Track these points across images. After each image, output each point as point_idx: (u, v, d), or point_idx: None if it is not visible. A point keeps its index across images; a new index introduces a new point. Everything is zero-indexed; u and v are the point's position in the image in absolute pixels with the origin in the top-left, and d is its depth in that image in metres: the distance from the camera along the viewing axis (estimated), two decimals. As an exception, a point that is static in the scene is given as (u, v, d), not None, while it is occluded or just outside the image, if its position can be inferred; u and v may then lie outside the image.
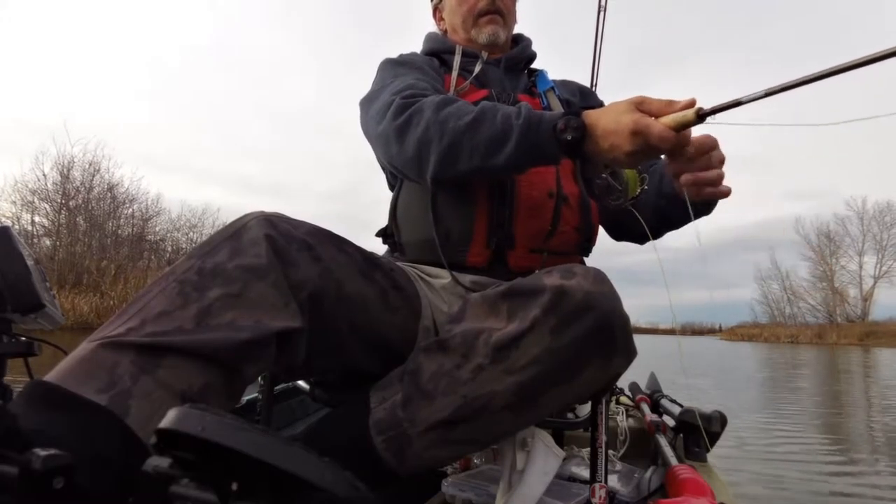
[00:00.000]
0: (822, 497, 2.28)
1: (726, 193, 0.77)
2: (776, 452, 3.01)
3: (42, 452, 0.35)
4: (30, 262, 0.71)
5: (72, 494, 0.37)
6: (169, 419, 0.31)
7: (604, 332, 0.66)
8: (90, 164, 18.35)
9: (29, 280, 0.69)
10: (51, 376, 0.51)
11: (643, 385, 2.02)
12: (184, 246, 22.60)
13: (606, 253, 1.06)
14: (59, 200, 17.41)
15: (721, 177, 0.76)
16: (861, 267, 35.25)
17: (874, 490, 2.39)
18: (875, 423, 4.18)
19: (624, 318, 0.68)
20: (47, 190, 17.35)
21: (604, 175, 0.87)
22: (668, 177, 0.86)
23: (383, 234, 1.03)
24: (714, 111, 0.67)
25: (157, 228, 21.29)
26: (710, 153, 0.75)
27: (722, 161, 0.77)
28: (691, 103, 0.69)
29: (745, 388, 6.36)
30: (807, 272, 37.45)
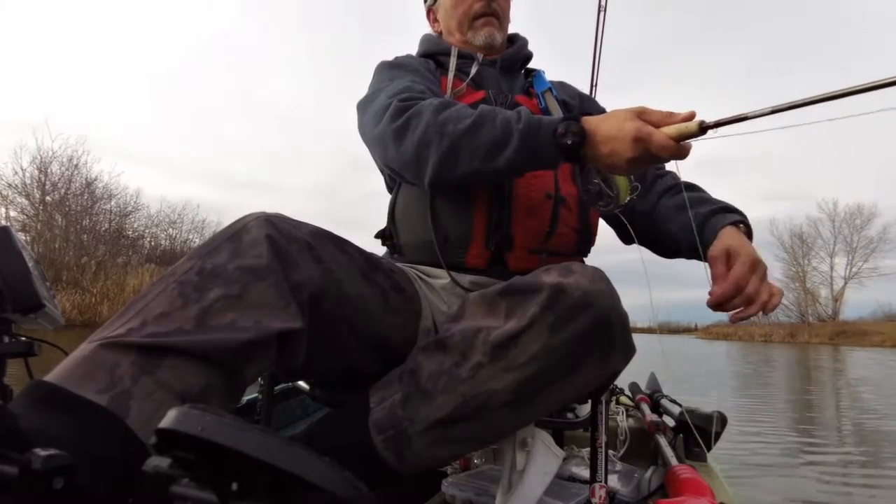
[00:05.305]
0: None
1: (772, 306, 0.76)
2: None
3: (42, 452, 0.35)
4: (30, 263, 0.71)
5: (72, 494, 0.37)
6: (169, 419, 0.31)
7: (602, 330, 0.66)
8: (69, 160, 18.20)
9: (29, 280, 0.69)
10: (51, 376, 0.51)
11: (643, 385, 2.02)
12: (163, 242, 22.53)
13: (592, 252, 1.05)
14: (37, 195, 17.24)
15: (761, 303, 0.76)
16: (832, 268, 35.69)
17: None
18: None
19: (622, 316, 0.68)
20: (24, 184, 17.17)
21: (596, 181, 0.87)
22: (708, 234, 0.86)
23: (382, 235, 1.04)
24: (718, 124, 0.68)
25: (136, 224, 21.19)
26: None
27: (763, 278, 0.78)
28: (690, 115, 0.70)
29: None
30: (780, 273, 37.68)
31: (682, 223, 0.91)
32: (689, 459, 1.33)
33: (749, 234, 0.87)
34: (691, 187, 0.99)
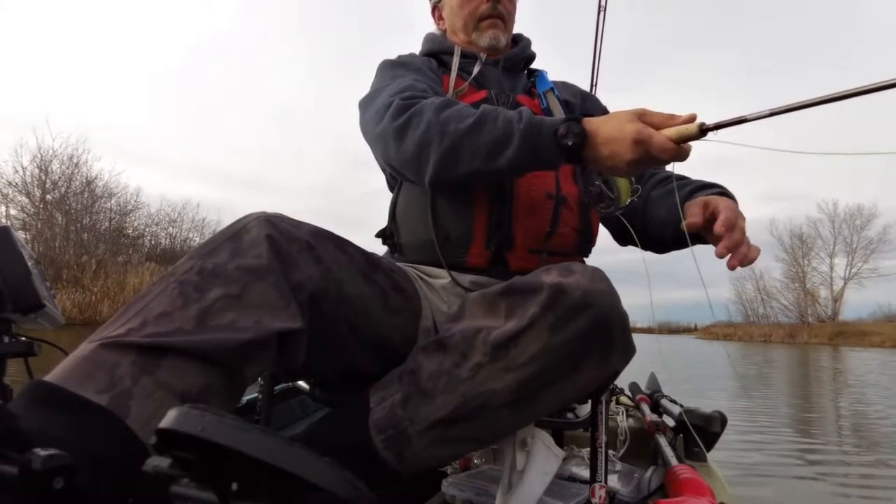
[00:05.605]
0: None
1: (752, 259, 0.72)
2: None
3: (42, 452, 0.35)
4: (30, 262, 0.71)
5: (72, 494, 0.37)
6: (169, 419, 0.31)
7: (602, 330, 0.66)
8: (69, 158, 18.29)
9: (29, 280, 0.69)
10: (51, 376, 0.51)
11: (643, 385, 2.02)
12: (163, 241, 22.65)
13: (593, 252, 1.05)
14: (37, 194, 17.28)
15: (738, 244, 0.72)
16: (832, 269, 35.74)
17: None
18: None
19: (622, 316, 0.68)
20: (25, 182, 17.24)
21: (597, 182, 0.87)
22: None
23: (382, 234, 1.04)
24: (717, 127, 0.68)
25: (136, 223, 21.29)
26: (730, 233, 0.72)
27: (743, 232, 0.73)
28: (692, 118, 0.70)
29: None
30: (780, 273, 37.78)
31: (670, 206, 0.92)
32: (689, 459, 1.33)
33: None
34: (680, 179, 0.99)
